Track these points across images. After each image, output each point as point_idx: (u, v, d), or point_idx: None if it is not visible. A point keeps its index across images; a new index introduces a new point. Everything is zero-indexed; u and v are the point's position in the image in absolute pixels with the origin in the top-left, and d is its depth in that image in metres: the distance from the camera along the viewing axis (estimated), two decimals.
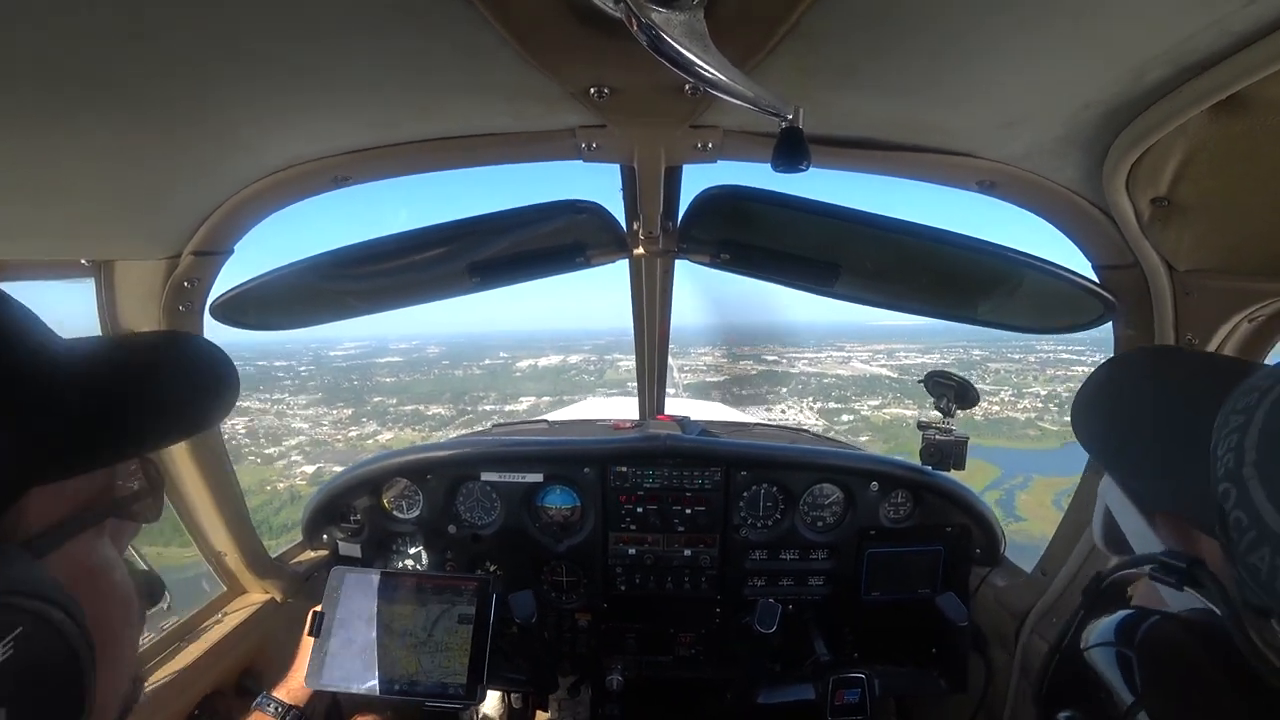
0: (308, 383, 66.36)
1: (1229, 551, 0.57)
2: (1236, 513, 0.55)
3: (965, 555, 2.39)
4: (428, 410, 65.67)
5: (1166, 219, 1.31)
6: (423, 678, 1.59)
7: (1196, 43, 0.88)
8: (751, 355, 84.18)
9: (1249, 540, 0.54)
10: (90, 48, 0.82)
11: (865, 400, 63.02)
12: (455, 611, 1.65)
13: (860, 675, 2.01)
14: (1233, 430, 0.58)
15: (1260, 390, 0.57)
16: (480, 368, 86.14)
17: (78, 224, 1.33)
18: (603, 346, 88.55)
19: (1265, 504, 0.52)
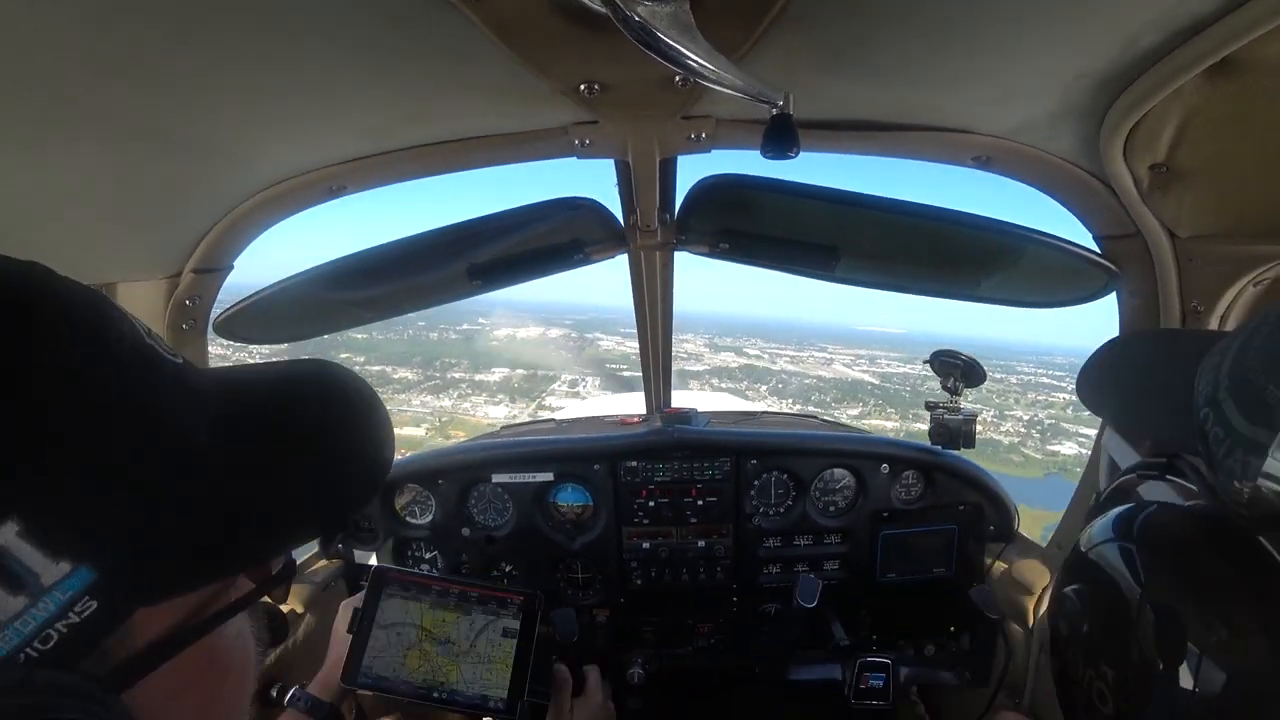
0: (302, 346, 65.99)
1: (1210, 463, 0.67)
2: (1215, 429, 0.66)
3: (979, 533, 2.38)
4: (394, 373, 65.19)
5: (1166, 186, 1.30)
6: (464, 688, 1.58)
7: (1188, 6, 0.87)
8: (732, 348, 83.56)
9: (1225, 448, 0.64)
10: (84, 72, 0.82)
11: (845, 408, 62.54)
12: (500, 624, 1.64)
13: (886, 661, 2.01)
14: (1210, 368, 0.69)
15: (1233, 335, 0.69)
16: (457, 332, 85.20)
17: (78, 248, 1.33)
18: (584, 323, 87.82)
19: (1237, 416, 0.63)
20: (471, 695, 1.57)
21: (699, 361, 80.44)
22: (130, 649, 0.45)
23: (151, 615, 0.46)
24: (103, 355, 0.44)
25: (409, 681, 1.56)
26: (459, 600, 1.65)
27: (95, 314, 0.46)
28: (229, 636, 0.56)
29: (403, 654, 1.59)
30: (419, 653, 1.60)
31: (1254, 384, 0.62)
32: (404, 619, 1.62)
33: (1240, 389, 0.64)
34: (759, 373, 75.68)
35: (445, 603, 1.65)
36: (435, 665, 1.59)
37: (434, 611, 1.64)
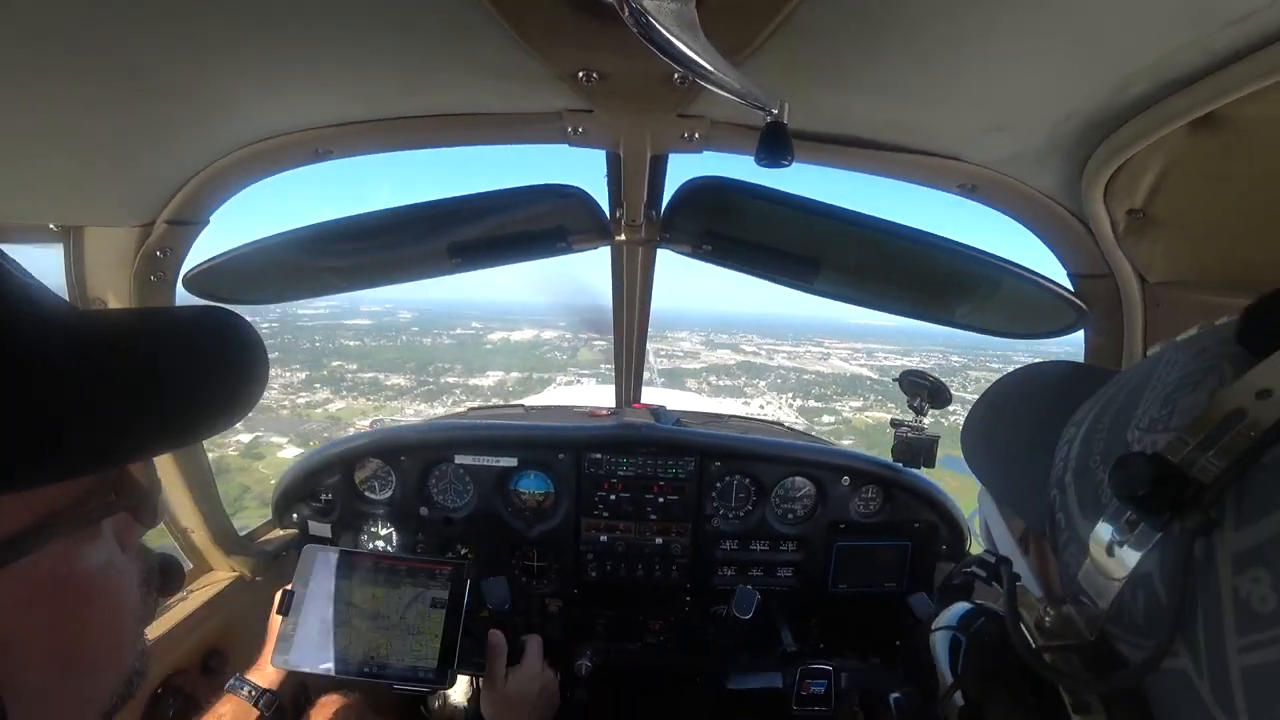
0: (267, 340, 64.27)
1: (1055, 549, 0.65)
2: (1059, 514, 0.63)
3: (931, 551, 2.43)
4: (387, 380, 64.41)
5: (1141, 231, 1.34)
6: (393, 661, 1.57)
7: (1178, 60, 0.89)
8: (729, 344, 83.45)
9: (1064, 539, 0.62)
10: (63, 7, 0.80)
11: (847, 400, 62.44)
12: (429, 595, 1.64)
13: (827, 667, 2.04)
14: (1066, 441, 0.66)
15: (1094, 401, 0.65)
16: (451, 337, 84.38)
17: (46, 187, 1.29)
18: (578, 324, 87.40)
19: (1075, 507, 0.60)
20: (401, 668, 1.57)
21: (695, 359, 79.95)
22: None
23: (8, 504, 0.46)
24: None
25: (339, 658, 1.56)
26: (388, 574, 1.65)
27: None
28: (93, 562, 0.55)
29: (333, 632, 1.58)
30: (349, 629, 1.59)
31: (1092, 473, 0.59)
32: (333, 596, 1.62)
33: (1080, 474, 0.61)
34: (756, 369, 75.19)
35: (374, 578, 1.64)
36: (365, 640, 1.58)
37: (363, 588, 1.63)
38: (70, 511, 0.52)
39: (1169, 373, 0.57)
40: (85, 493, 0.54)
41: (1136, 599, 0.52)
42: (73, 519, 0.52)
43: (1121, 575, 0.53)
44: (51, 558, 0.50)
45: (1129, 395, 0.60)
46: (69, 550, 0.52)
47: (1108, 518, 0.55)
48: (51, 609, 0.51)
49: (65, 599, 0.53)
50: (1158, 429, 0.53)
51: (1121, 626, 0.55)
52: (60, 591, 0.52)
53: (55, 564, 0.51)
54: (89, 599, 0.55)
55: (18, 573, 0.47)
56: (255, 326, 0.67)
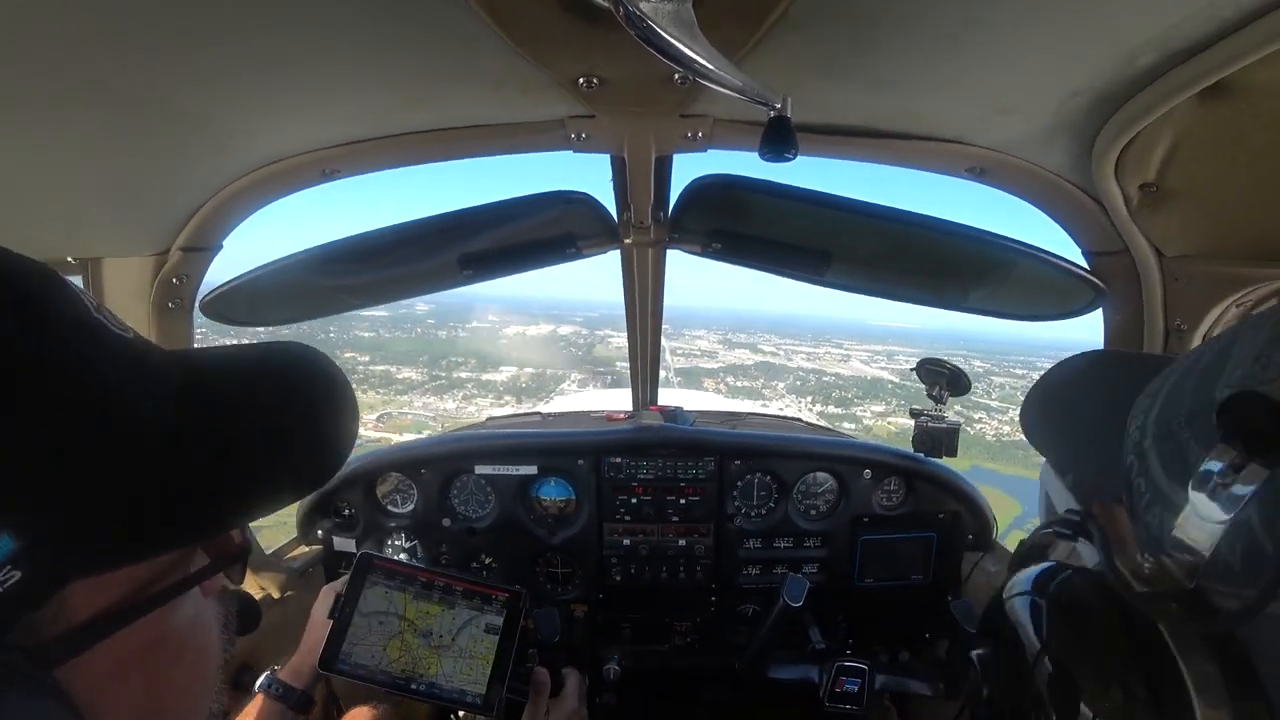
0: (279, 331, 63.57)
1: (1132, 514, 0.65)
2: (1138, 480, 0.63)
3: (958, 541, 2.40)
4: (399, 373, 64.01)
5: (1155, 205, 1.32)
6: (443, 681, 1.56)
7: (1184, 28, 0.88)
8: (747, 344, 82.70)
9: (1145, 502, 0.62)
10: (74, 44, 0.81)
11: (868, 405, 61.29)
12: (483, 620, 1.63)
13: (863, 666, 2.02)
14: (1141, 411, 0.66)
15: (1166, 376, 0.66)
16: (466, 330, 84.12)
17: (63, 221, 1.31)
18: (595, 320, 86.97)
19: (1158, 471, 0.60)
20: (450, 689, 1.56)
21: (713, 359, 79.13)
22: (65, 624, 0.43)
23: (90, 590, 0.45)
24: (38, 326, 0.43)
25: (388, 671, 1.55)
26: (444, 593, 1.64)
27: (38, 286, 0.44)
28: (183, 618, 0.54)
29: (384, 643, 1.57)
30: (400, 643, 1.58)
31: (1175, 436, 0.59)
32: (387, 608, 1.61)
33: (1163, 438, 0.61)
34: (775, 370, 74.11)
35: (429, 595, 1.63)
36: (416, 657, 1.57)
37: (417, 603, 1.62)
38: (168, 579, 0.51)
39: (1256, 335, 0.55)
40: (168, 568, 0.52)
41: (1234, 548, 0.52)
42: (172, 587, 0.51)
43: (1221, 521, 0.52)
44: (147, 624, 0.49)
45: (1212, 360, 0.59)
46: (163, 614, 0.51)
47: (1205, 468, 0.54)
48: (144, 674, 0.50)
49: (157, 662, 0.52)
50: (1254, 384, 0.52)
51: (1218, 576, 0.54)
52: (153, 655, 0.51)
53: (150, 630, 0.50)
54: (178, 658, 0.54)
55: (116, 642, 0.46)
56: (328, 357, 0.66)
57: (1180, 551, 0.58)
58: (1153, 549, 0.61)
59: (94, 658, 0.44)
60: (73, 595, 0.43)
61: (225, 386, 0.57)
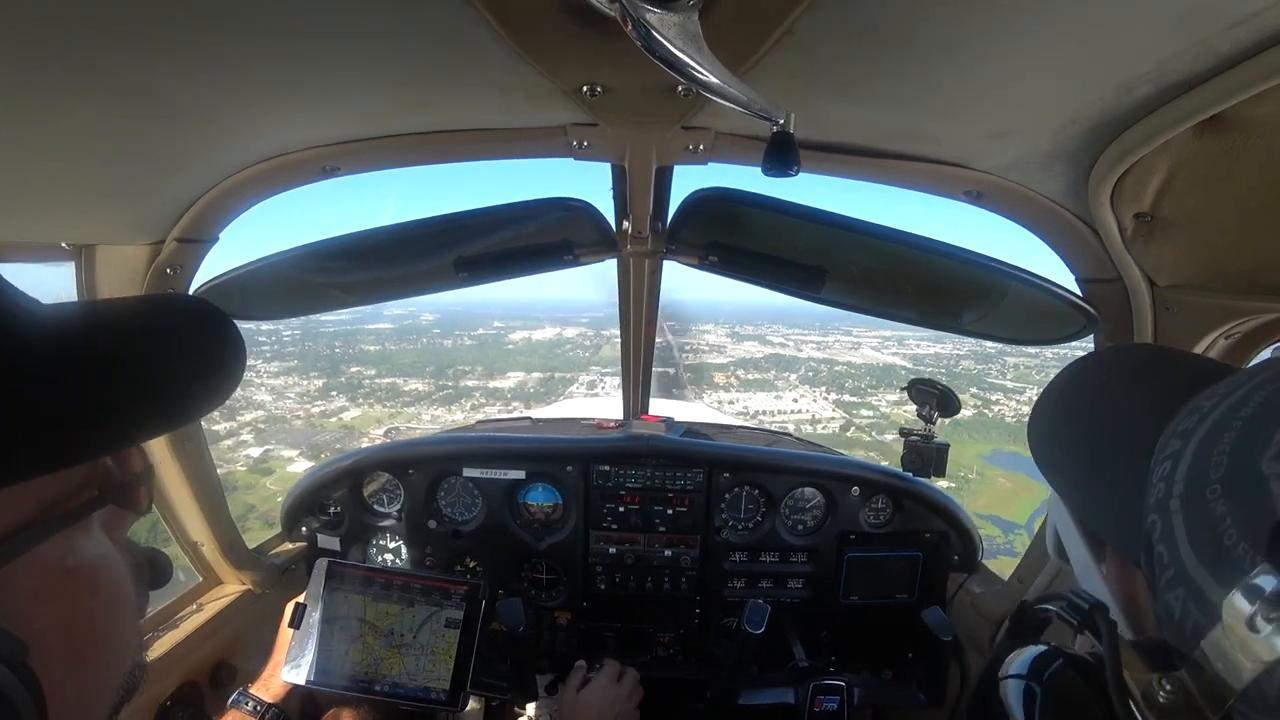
0: (286, 348, 62.96)
1: (1150, 583, 0.55)
2: (1160, 547, 0.53)
3: (943, 561, 2.41)
4: (405, 385, 63.56)
5: (1149, 234, 1.33)
6: (406, 680, 1.56)
7: (1181, 62, 0.89)
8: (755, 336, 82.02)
9: (1168, 578, 0.52)
10: (75, 30, 0.81)
11: (883, 393, 60.25)
12: (443, 615, 1.62)
13: (840, 683, 2.02)
14: (1168, 456, 0.55)
15: (1202, 412, 0.54)
16: (472, 338, 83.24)
17: (59, 206, 1.30)
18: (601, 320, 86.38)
19: (1184, 543, 0.50)
20: (413, 688, 1.56)
21: (721, 354, 77.81)
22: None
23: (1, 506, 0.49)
24: None
25: (350, 675, 1.55)
26: (402, 592, 1.64)
27: None
28: (92, 552, 0.59)
29: (346, 648, 1.57)
30: (361, 646, 1.58)
31: (1208, 506, 0.49)
32: (346, 612, 1.61)
33: (1193, 505, 0.50)
34: (786, 361, 72.85)
35: (389, 595, 1.63)
36: (378, 658, 1.57)
37: (377, 604, 1.62)
38: (63, 504, 0.55)
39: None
40: (75, 487, 0.57)
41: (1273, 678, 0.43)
42: (67, 512, 0.55)
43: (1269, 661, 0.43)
44: (53, 550, 0.54)
45: (1258, 410, 0.49)
46: (67, 543, 0.56)
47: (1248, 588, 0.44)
48: (61, 600, 0.55)
49: (71, 589, 0.56)
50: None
51: (1250, 704, 0.45)
52: (66, 582, 0.56)
53: (58, 556, 0.54)
54: (93, 588, 0.58)
55: (25, 565, 0.50)
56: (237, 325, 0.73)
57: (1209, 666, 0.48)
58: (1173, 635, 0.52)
59: (14, 575, 0.49)
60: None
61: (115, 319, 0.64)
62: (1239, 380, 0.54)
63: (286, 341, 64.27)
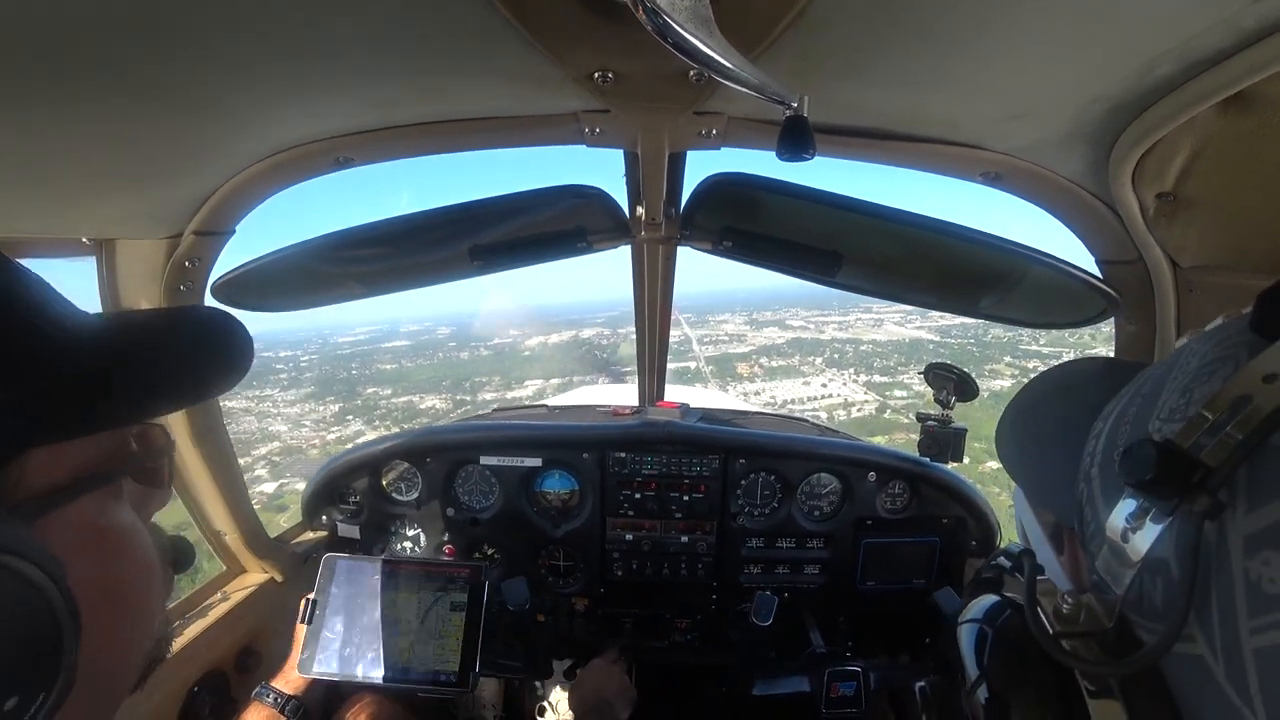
0: (303, 374, 62.85)
1: (1082, 543, 0.66)
2: (1086, 508, 0.64)
3: (960, 547, 2.40)
4: (422, 403, 63.19)
5: (1171, 215, 1.31)
6: (416, 665, 1.58)
7: (1204, 39, 0.87)
8: (774, 322, 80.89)
9: (1090, 530, 0.63)
10: (90, 27, 0.81)
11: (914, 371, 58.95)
12: (448, 599, 1.64)
13: (856, 669, 2.02)
14: (1094, 435, 0.67)
15: (1120, 395, 0.66)
16: (488, 348, 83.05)
17: (78, 202, 1.32)
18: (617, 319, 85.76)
19: (1100, 500, 0.61)
20: (423, 673, 1.58)
21: (742, 342, 76.19)
22: (26, 491, 0.54)
23: (42, 461, 0.56)
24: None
25: (363, 664, 1.58)
26: (407, 579, 1.66)
27: None
28: (123, 519, 0.66)
29: (358, 638, 1.59)
30: (371, 635, 1.61)
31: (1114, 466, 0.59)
32: (354, 603, 1.63)
33: (1106, 468, 0.62)
34: (809, 345, 71.18)
35: (394, 583, 1.65)
36: (387, 646, 1.59)
37: (385, 593, 1.64)
38: (96, 468, 0.62)
39: (1190, 362, 0.57)
40: (106, 455, 0.64)
41: (1155, 584, 0.53)
42: (99, 474, 0.62)
43: (1136, 560, 0.54)
44: (87, 509, 0.61)
45: (1153, 386, 0.60)
46: (100, 505, 0.63)
47: (1122, 505, 0.56)
48: (94, 556, 0.60)
49: (104, 547, 0.63)
50: (1175, 418, 0.54)
51: (1141, 613, 0.56)
52: (100, 540, 0.62)
53: (91, 514, 0.61)
54: (123, 549, 0.65)
55: (61, 519, 0.57)
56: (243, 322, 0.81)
57: (1102, 589, 0.60)
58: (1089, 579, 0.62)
59: (52, 527, 0.56)
60: (30, 465, 0.55)
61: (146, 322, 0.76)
62: (1147, 369, 0.66)
63: (304, 367, 64.19)
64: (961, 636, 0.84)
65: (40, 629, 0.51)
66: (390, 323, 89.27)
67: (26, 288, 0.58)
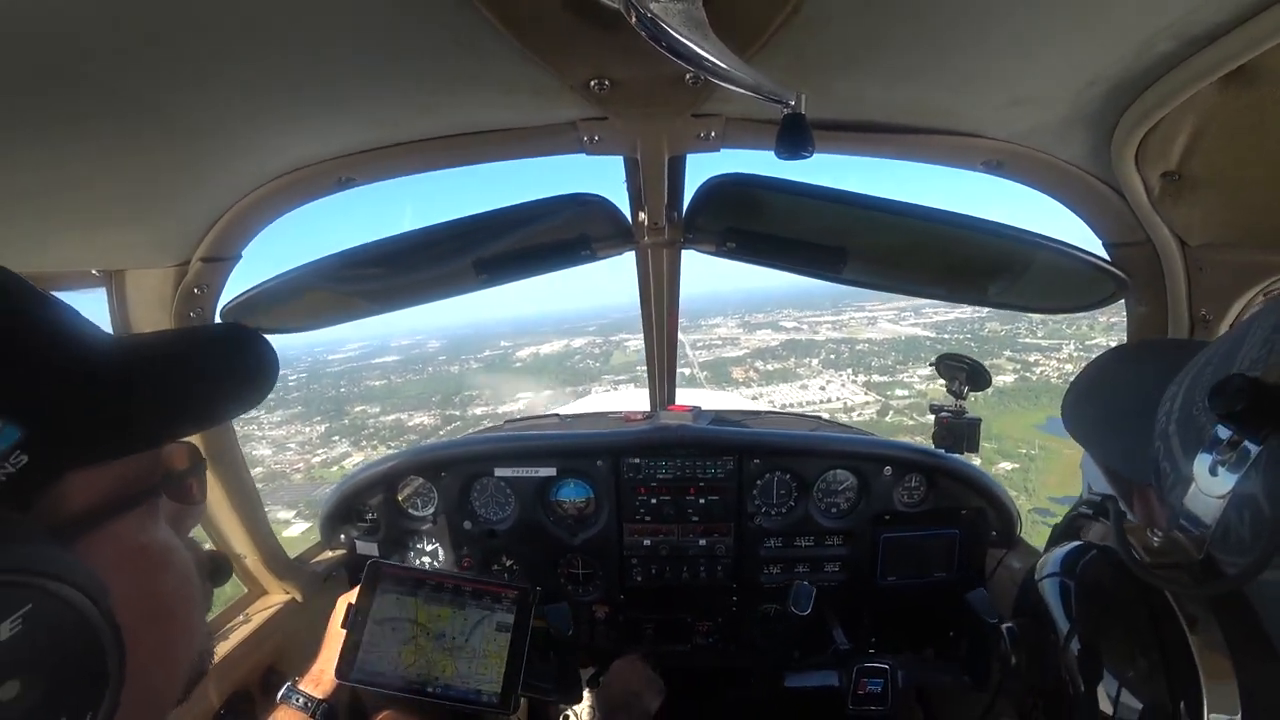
0: (291, 393, 62.41)
1: (1160, 497, 0.70)
2: (1164, 463, 0.68)
3: (981, 538, 2.38)
4: (410, 420, 62.50)
5: (1177, 194, 1.30)
6: (458, 683, 1.57)
7: (1203, 14, 0.87)
8: (767, 324, 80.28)
9: (1170, 482, 0.66)
10: (92, 59, 0.82)
11: (913, 368, 57.51)
12: (494, 619, 1.63)
13: (885, 665, 2.00)
14: (1168, 398, 0.71)
15: (1193, 364, 0.69)
16: (479, 360, 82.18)
17: (86, 235, 1.34)
18: (608, 326, 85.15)
19: (1179, 452, 0.64)
20: (465, 690, 1.56)
21: (736, 346, 75.48)
22: (64, 514, 0.56)
23: (81, 484, 0.57)
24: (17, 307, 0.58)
25: (403, 676, 1.56)
26: (454, 595, 1.65)
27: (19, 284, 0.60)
28: (161, 536, 0.68)
29: (397, 649, 1.58)
30: (413, 648, 1.59)
31: (1196, 419, 0.62)
32: (399, 614, 1.62)
33: (1185, 423, 0.65)
34: (803, 346, 70.64)
35: (440, 597, 1.64)
36: (430, 660, 1.58)
37: (429, 606, 1.63)
38: (132, 488, 0.64)
39: (1267, 320, 0.59)
40: (141, 474, 0.66)
41: (1242, 518, 0.55)
42: (136, 493, 0.64)
43: (1223, 494, 0.57)
44: (126, 528, 0.62)
45: (1229, 347, 0.63)
46: (139, 523, 0.64)
47: (1209, 444, 0.59)
48: (136, 573, 0.62)
49: (145, 564, 0.65)
50: (1258, 367, 0.56)
51: (1227, 548, 0.58)
52: (140, 557, 0.64)
53: (131, 533, 0.63)
54: (164, 565, 0.67)
55: (103, 538, 0.59)
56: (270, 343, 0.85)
57: (1190, 523, 0.63)
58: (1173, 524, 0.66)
59: (94, 546, 0.57)
60: (68, 487, 0.56)
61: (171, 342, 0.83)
62: (1217, 339, 0.69)
63: (291, 386, 63.71)
64: (1045, 591, 0.87)
65: (83, 650, 0.52)
66: (381, 339, 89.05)
67: (57, 316, 0.60)
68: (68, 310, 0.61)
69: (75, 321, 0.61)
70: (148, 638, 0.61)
